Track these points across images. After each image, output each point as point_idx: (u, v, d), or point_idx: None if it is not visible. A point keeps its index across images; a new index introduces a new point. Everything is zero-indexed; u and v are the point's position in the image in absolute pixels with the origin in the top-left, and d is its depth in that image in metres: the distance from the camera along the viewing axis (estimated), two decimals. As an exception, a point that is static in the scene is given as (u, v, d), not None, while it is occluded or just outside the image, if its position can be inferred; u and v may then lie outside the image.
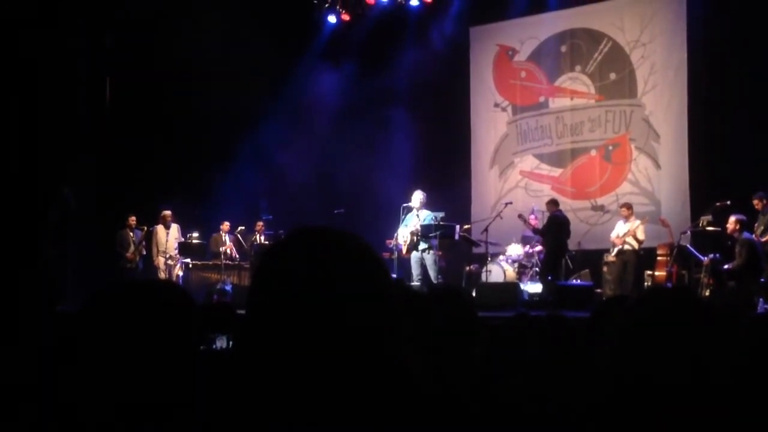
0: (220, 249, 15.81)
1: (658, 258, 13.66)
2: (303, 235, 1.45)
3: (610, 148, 16.47)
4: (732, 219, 11.99)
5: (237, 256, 16.04)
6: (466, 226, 15.10)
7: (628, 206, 14.21)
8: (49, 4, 13.57)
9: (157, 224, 15.65)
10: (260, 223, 16.08)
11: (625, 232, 13.81)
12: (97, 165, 15.35)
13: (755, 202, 12.30)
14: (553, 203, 14.40)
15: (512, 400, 2.70)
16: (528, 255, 15.22)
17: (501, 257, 15.14)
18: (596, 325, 3.08)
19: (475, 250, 15.18)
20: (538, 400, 2.70)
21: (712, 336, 1.85)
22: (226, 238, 15.99)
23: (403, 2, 17.21)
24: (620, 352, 1.88)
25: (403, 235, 13.39)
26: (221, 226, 16.00)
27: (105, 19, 15.28)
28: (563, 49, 17.11)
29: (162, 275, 15.49)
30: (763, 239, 11.96)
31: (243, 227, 16.09)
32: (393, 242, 13.79)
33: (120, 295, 1.65)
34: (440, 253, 13.78)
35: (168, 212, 15.65)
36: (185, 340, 1.63)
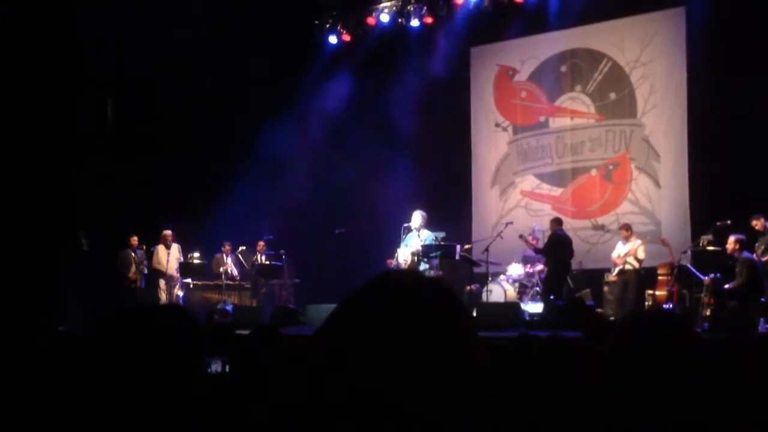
0: (221, 269, 15.83)
1: (659, 277, 13.66)
2: (382, 282, 1.45)
3: (611, 167, 16.50)
4: (732, 239, 11.99)
5: (237, 276, 16.06)
6: (466, 246, 15.08)
7: (627, 227, 14.20)
8: (53, 23, 13.66)
9: (158, 244, 15.68)
10: (261, 243, 16.10)
11: (626, 252, 13.81)
12: (98, 184, 15.36)
13: (754, 222, 12.31)
14: (556, 222, 14.40)
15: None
16: (529, 274, 15.21)
17: (502, 277, 15.13)
18: (597, 347, 3.09)
19: (476, 269, 15.17)
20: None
21: (700, 361, 1.85)
22: (228, 258, 16.01)
23: (404, 22, 17.29)
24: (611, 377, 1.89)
25: (404, 255, 13.39)
26: (223, 247, 16.04)
27: (106, 37, 15.34)
28: (563, 69, 17.17)
29: (162, 295, 15.51)
30: (764, 259, 11.96)
31: (244, 247, 16.11)
32: (393, 262, 13.79)
33: (127, 321, 1.66)
34: (441, 272, 13.77)
35: (168, 232, 15.67)
36: (189, 366, 1.63)
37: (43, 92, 14.01)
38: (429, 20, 17.15)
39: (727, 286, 11.89)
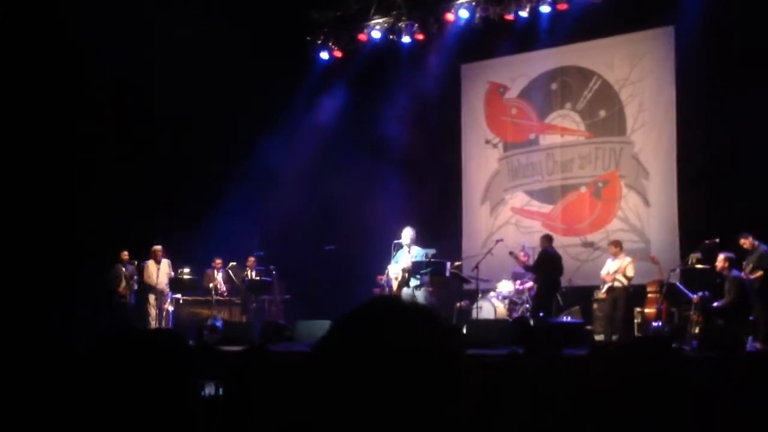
0: (210, 285, 15.84)
1: (648, 295, 13.71)
2: (373, 308, 1.48)
3: (600, 185, 16.57)
4: (721, 257, 12.04)
5: (227, 291, 16.05)
6: (457, 263, 15.11)
7: (617, 243, 14.23)
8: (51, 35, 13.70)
9: (149, 259, 15.66)
10: (252, 259, 16.11)
11: (615, 270, 13.83)
12: (90, 198, 15.35)
13: (743, 241, 12.37)
14: (546, 239, 14.44)
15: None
16: (519, 291, 15.22)
17: (492, 293, 15.14)
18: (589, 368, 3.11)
19: (466, 286, 15.18)
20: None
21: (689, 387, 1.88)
22: (218, 274, 16.02)
23: (395, 39, 17.35)
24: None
25: (394, 271, 13.41)
26: (213, 262, 16.05)
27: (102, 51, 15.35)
28: (553, 86, 17.25)
29: (152, 310, 15.48)
30: (752, 277, 12.02)
31: (234, 263, 16.11)
32: (383, 278, 13.81)
33: (121, 346, 1.68)
34: (431, 289, 13.80)
35: (158, 247, 15.66)
36: (184, 392, 1.65)
37: (40, 98, 14.07)
38: (420, 37, 17.20)
39: (715, 304, 11.94)
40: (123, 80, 15.59)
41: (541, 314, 13.59)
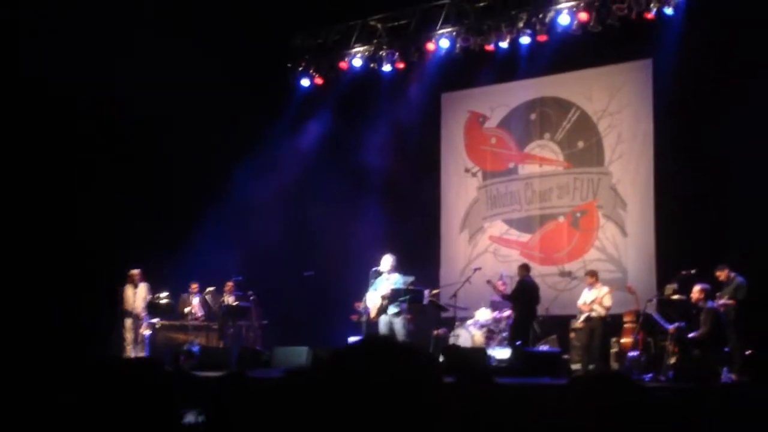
0: (185, 309, 15.77)
1: (625, 325, 13.77)
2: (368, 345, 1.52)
3: (578, 215, 16.67)
4: (697, 288, 12.11)
5: (203, 316, 15.98)
6: (434, 291, 15.14)
7: (593, 273, 14.28)
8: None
9: (126, 284, 15.54)
10: (230, 284, 16.03)
11: (592, 300, 13.88)
12: (67, 221, 15.27)
13: (718, 273, 12.48)
14: (524, 268, 14.52)
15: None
16: (496, 320, 15.24)
17: (469, 321, 15.15)
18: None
19: (444, 314, 15.21)
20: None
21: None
22: (194, 299, 15.95)
23: (376, 67, 17.45)
24: None
25: (372, 299, 13.43)
26: (189, 287, 15.99)
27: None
28: (533, 116, 17.39)
29: (128, 335, 15.34)
30: (721, 302, 12.15)
31: (212, 288, 16.04)
32: (361, 305, 13.83)
33: (103, 376, 1.69)
34: (409, 317, 13.82)
35: (136, 271, 15.53)
36: (165, 422, 1.66)
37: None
38: (401, 66, 17.31)
39: (691, 335, 11.99)
40: (96, 100, 15.47)
41: (518, 343, 13.62)
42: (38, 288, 14.31)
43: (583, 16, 15.14)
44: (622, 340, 13.68)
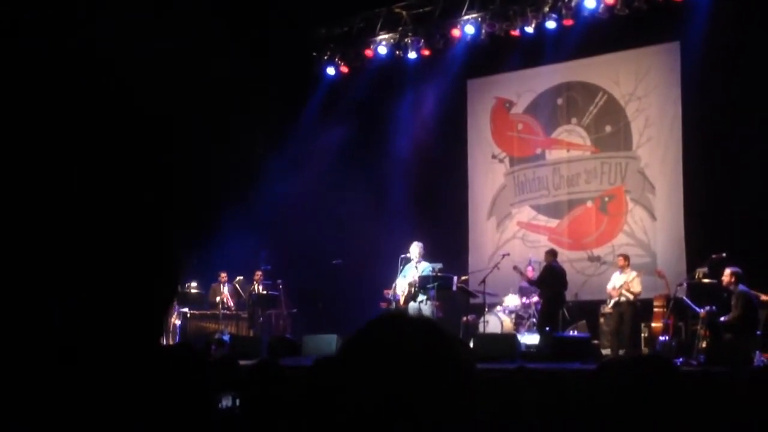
0: (217, 299, 15.88)
1: (655, 310, 13.71)
2: (382, 325, 1.52)
3: (606, 199, 16.60)
4: (727, 271, 12.01)
5: (234, 305, 16.08)
6: (463, 277, 15.13)
7: (625, 257, 14.21)
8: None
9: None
10: (259, 273, 16.12)
11: (621, 284, 13.83)
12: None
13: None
14: (551, 254, 14.47)
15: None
16: (525, 306, 15.24)
17: (498, 308, 15.17)
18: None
19: (473, 300, 15.20)
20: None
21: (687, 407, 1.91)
22: (224, 288, 16.05)
23: (402, 55, 17.43)
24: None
25: (401, 286, 13.46)
26: (219, 276, 16.08)
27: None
28: (559, 101, 17.31)
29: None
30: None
31: (241, 277, 16.14)
32: (391, 292, 13.87)
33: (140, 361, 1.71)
34: (438, 303, 13.83)
35: (166, 261, 15.65)
36: (202, 404, 1.69)
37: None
38: (426, 53, 17.29)
39: (722, 318, 11.92)
40: (127, 91, 15.57)
41: (547, 329, 13.60)
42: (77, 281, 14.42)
43: (609, -1, 15.04)
44: (653, 325, 13.62)
